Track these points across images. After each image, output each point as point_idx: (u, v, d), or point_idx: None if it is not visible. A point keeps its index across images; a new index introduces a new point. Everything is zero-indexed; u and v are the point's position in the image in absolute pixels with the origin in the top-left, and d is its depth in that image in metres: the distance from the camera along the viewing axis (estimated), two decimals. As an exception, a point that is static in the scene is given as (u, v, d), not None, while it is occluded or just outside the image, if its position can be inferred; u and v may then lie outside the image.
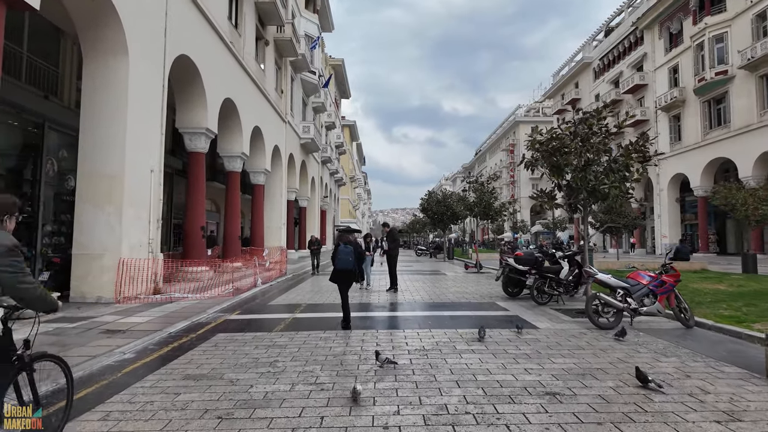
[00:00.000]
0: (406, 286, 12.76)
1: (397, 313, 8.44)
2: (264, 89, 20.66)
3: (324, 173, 42.09)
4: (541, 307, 8.93)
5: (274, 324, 7.34)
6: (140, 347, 5.88)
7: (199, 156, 14.48)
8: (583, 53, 51.24)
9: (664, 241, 37.12)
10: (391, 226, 11.92)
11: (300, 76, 29.54)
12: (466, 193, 18.79)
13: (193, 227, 14.23)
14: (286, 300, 10.13)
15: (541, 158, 8.51)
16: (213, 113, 14.72)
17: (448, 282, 13.93)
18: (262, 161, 21.06)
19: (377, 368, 4.75)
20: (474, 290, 11.74)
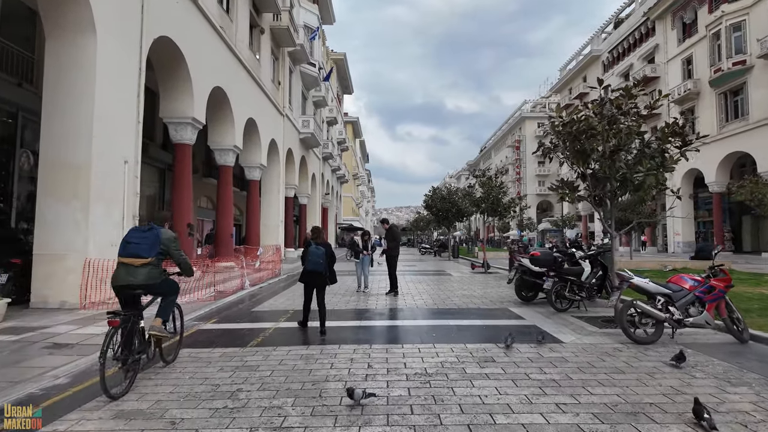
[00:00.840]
0: (407, 288, 11.69)
1: (396, 322, 7.36)
2: (259, 80, 19.62)
3: (325, 170, 41.06)
4: (561, 314, 7.83)
5: (252, 336, 6.29)
6: (83, 367, 4.85)
7: (185, 148, 13.46)
8: (592, 46, 49.88)
9: (677, 239, 35.84)
10: (391, 223, 10.84)
11: (299, 69, 28.48)
12: (472, 188, 17.68)
13: (178, 224, 13.20)
14: (273, 305, 9.08)
15: (562, 144, 7.41)
16: (200, 102, 13.69)
17: (453, 284, 12.85)
18: (257, 156, 20.03)
19: (364, 401, 3.68)
20: (482, 293, 10.65)
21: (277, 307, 8.89)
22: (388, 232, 10.57)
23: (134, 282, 4.37)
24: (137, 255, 4.42)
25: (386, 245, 10.57)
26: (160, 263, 4.61)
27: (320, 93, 33.66)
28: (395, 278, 10.42)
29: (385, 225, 10.78)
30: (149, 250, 4.44)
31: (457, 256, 27.90)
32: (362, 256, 10.76)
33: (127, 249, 4.46)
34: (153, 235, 4.53)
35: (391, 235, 10.54)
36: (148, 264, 4.42)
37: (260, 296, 10.42)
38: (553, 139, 7.68)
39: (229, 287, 10.80)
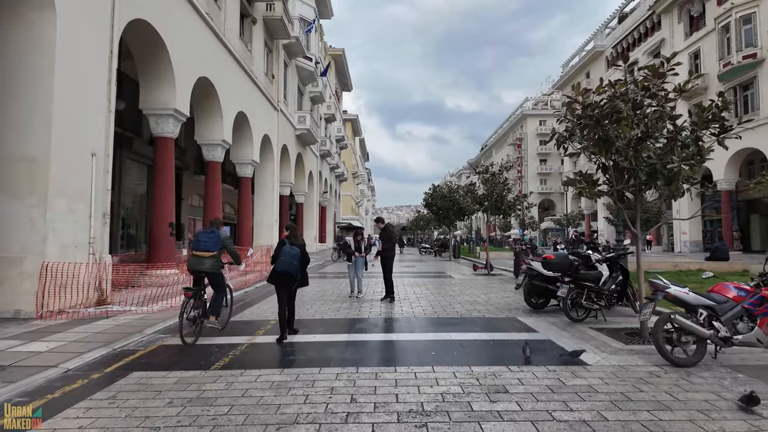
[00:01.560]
0: (405, 293, 10.77)
1: (390, 336, 6.43)
2: (251, 72, 18.69)
3: (323, 168, 40.15)
4: (577, 325, 6.91)
5: (220, 354, 5.38)
6: (1, 399, 3.93)
7: (167, 142, 12.54)
8: (595, 41, 48.88)
9: (684, 238, 34.89)
10: (387, 221, 9.90)
11: (295, 62, 27.54)
12: (474, 186, 16.77)
13: (159, 224, 12.31)
14: (254, 314, 8.17)
15: (580, 130, 6.48)
16: (183, 93, 12.77)
17: (454, 287, 11.93)
18: (249, 151, 19.12)
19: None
20: (487, 299, 9.74)
21: (259, 315, 7.97)
22: (383, 232, 9.65)
23: (202, 269, 6.28)
24: (207, 249, 6.26)
25: (380, 246, 9.66)
26: (220, 255, 6.45)
27: (317, 88, 32.73)
28: (391, 283, 9.51)
29: (379, 224, 9.88)
30: (214, 246, 6.31)
31: (458, 257, 26.98)
32: (355, 258, 9.88)
33: (199, 245, 6.31)
34: (216, 235, 6.41)
35: (386, 234, 9.62)
36: (213, 256, 6.32)
37: (243, 303, 9.50)
38: (569, 125, 6.74)
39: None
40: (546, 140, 68.08)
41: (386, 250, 9.40)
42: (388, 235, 9.58)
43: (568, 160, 56.54)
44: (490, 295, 10.38)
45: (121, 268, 10.32)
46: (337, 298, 9.76)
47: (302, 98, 30.74)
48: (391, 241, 9.55)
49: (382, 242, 9.68)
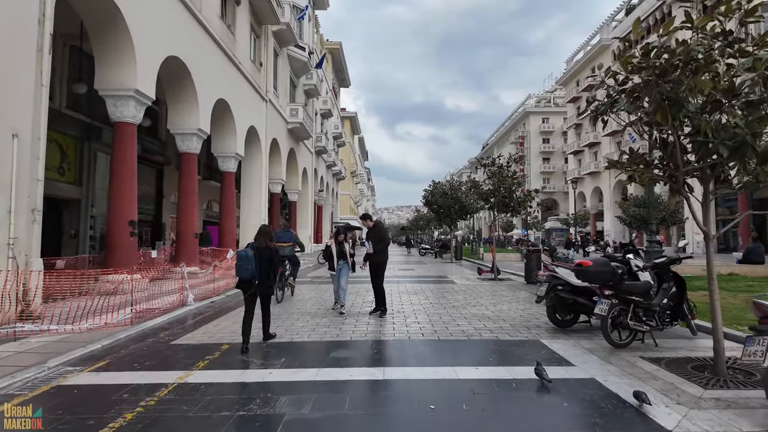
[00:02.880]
0: (400, 303, 9.12)
1: (373, 372, 4.71)
2: (234, 57, 17.06)
3: (319, 165, 38.50)
4: (623, 352, 5.27)
5: (125, 407, 3.72)
6: None
7: (127, 128, 10.89)
8: (601, 35, 47.26)
9: (697, 238, 33.18)
10: (376, 219, 8.21)
11: (287, 52, 25.90)
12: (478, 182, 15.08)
13: (116, 222, 10.67)
14: (207, 333, 6.50)
15: (628, 95, 4.84)
16: (147, 72, 11.14)
17: (458, 295, 10.27)
18: (231, 143, 17.47)
19: None
20: (497, 312, 8.08)
21: (213, 336, 6.31)
22: (371, 231, 8.02)
23: (284, 254, 9.18)
24: (286, 241, 9.85)
25: (370, 247, 7.92)
26: (293, 245, 10.07)
27: (311, 81, 31.07)
28: (383, 293, 7.85)
29: (367, 222, 8.20)
30: (290, 239, 10.10)
31: (459, 258, 25.31)
32: (339, 266, 8.02)
33: (281, 239, 9.65)
34: (290, 233, 10.53)
35: (376, 234, 7.90)
36: (290, 246, 9.84)
37: (203, 316, 7.85)
38: (611, 89, 5.09)
39: (165, 303, 8.23)
40: (548, 138, 66.49)
41: (377, 253, 7.72)
42: (378, 236, 7.87)
43: (573, 158, 54.91)
44: (501, 306, 8.71)
45: (63, 274, 8.66)
46: (317, 311, 8.10)
47: (295, 91, 29.10)
48: (383, 243, 7.88)
49: (372, 243, 7.85)
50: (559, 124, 65.32)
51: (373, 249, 7.85)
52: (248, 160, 20.74)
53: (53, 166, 14.38)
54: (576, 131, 54.26)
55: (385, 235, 7.83)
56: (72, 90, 14.37)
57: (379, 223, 8.17)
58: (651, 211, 11.67)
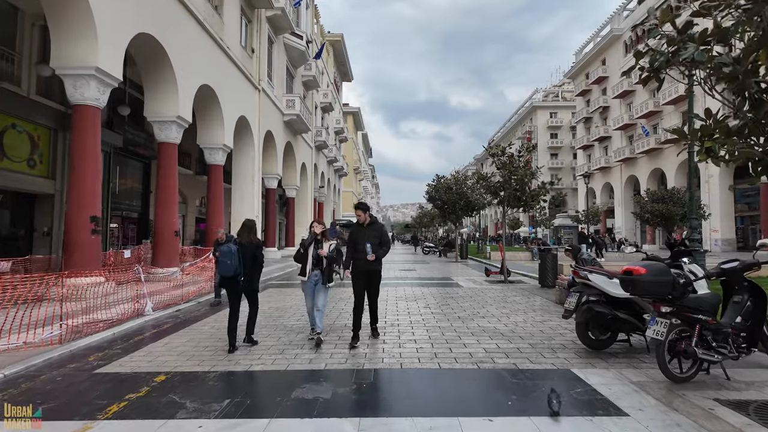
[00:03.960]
0: (396, 314, 7.79)
1: (343, 426, 3.34)
2: (221, 40, 15.76)
3: (320, 160, 37.18)
4: (687, 391, 3.90)
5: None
6: None
7: (88, 111, 9.60)
8: (612, 25, 45.52)
9: (715, 236, 31.62)
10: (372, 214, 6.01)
11: (283, 40, 24.57)
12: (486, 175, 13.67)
13: (77, 218, 9.40)
14: (149, 357, 5.17)
15: (701, 40, 3.48)
16: (110, 49, 9.85)
17: (464, 302, 8.91)
18: (218, 134, 16.18)
19: None
20: (512, 325, 6.72)
21: (154, 360, 4.98)
22: (370, 229, 5.80)
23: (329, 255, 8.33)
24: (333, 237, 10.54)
25: (370, 250, 5.58)
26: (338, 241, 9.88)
27: (310, 72, 29.72)
28: (376, 310, 6.06)
29: (362, 214, 5.83)
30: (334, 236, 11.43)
31: (465, 257, 23.93)
32: (315, 280, 5.70)
33: (330, 235, 9.31)
34: (334, 229, 17.49)
35: (378, 233, 5.80)
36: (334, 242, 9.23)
37: (157, 331, 6.54)
38: (675, 34, 3.72)
39: (117, 313, 6.93)
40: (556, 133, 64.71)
41: (380, 256, 5.73)
42: (381, 236, 5.80)
43: (582, 153, 53.25)
44: (516, 317, 7.34)
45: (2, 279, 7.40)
46: (293, 327, 6.74)
47: (293, 82, 27.77)
48: (388, 246, 5.87)
49: (371, 245, 5.57)
50: (568, 118, 63.61)
51: (374, 253, 5.60)
52: (239, 153, 19.47)
53: (21, 158, 13.16)
54: (585, 125, 52.59)
55: (386, 238, 5.90)
56: (40, 73, 13.12)
57: (376, 221, 5.99)
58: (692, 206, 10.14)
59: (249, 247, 5.55)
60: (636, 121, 40.18)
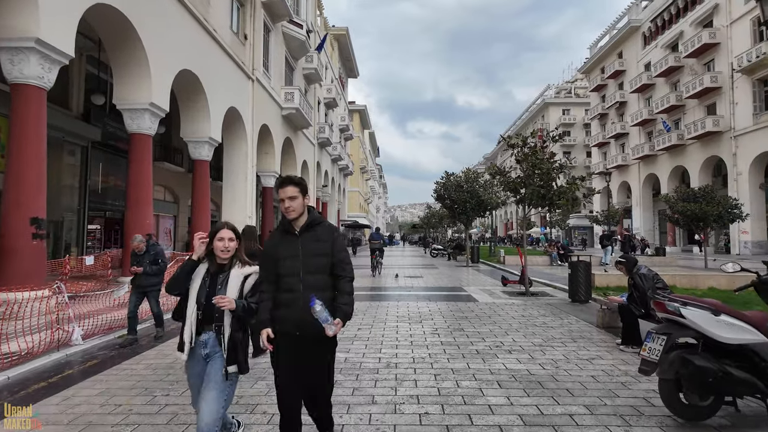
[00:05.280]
0: (396, 344, 6.09)
1: None
2: (205, 21, 14.17)
3: (323, 158, 35.57)
4: None
5: None
6: None
7: (29, 92, 8.00)
8: (629, 16, 43.42)
9: (744, 237, 29.47)
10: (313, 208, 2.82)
11: (281, 28, 22.96)
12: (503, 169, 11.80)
13: (15, 219, 7.81)
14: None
15: None
16: (57, 18, 8.25)
17: (482, 325, 7.18)
18: (204, 126, 14.59)
19: None
20: (551, 365, 5.00)
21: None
22: (306, 239, 2.74)
23: (376, 247, 16.25)
24: (378, 239, 16.89)
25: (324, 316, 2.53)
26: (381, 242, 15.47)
27: (312, 64, 28.09)
28: (329, 423, 2.95)
29: (294, 200, 2.70)
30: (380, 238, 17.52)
31: (477, 261, 22.14)
32: (200, 347, 2.69)
33: (375, 238, 16.88)
34: (381, 234, 18.06)
35: (322, 248, 2.74)
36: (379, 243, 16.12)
37: (76, 371, 4.92)
38: None
39: (28, 345, 5.30)
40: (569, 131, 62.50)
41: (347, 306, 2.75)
42: (327, 253, 2.74)
43: (597, 151, 51.11)
44: (553, 351, 5.58)
45: None
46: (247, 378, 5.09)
47: (293, 74, 26.17)
48: (346, 275, 2.77)
49: (319, 304, 2.51)
50: (581, 115, 61.43)
51: (336, 315, 2.66)
52: (231, 148, 17.90)
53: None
54: (600, 122, 50.47)
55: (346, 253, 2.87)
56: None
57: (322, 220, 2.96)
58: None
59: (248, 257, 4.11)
60: (656, 116, 38.08)
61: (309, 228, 2.75)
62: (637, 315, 5.54)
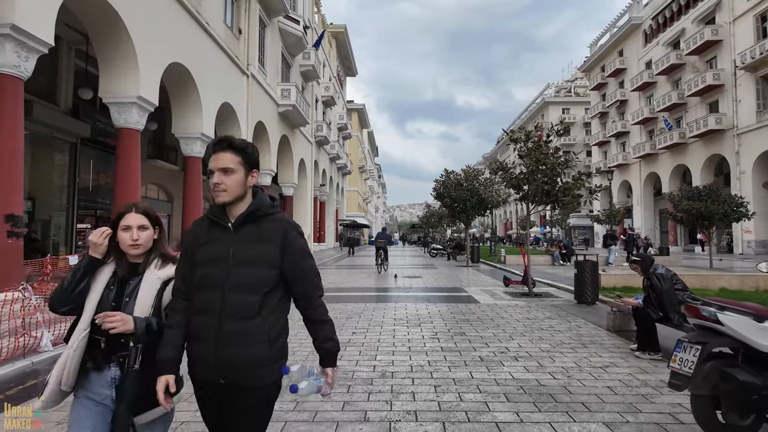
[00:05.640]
0: (392, 350, 5.66)
1: None
2: (197, 14, 13.72)
3: (320, 156, 35.11)
4: None
5: None
6: None
7: (5, 81, 7.53)
8: (630, 14, 43.01)
9: (747, 237, 29.08)
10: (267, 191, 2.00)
11: (277, 24, 22.53)
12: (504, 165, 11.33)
13: (-14, 217, 7.36)
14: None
15: None
16: (35, 6, 7.81)
17: (484, 329, 6.74)
18: (196, 122, 14.15)
19: None
20: (562, 376, 4.56)
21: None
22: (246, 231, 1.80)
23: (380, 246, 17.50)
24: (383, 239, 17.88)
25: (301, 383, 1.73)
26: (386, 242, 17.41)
27: (309, 61, 27.65)
28: None
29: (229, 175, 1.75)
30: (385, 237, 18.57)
31: (477, 261, 21.70)
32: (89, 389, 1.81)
33: (380, 237, 18.02)
34: (386, 233, 19.76)
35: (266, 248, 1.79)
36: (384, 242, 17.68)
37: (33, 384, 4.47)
38: None
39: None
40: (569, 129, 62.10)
41: None
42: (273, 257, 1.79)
43: (598, 150, 50.73)
44: (563, 358, 5.15)
45: None
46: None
47: (290, 71, 25.73)
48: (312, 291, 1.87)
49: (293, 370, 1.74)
50: (581, 114, 61.06)
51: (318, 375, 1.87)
52: (224, 145, 17.43)
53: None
54: (601, 120, 50.09)
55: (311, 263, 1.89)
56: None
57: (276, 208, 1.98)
58: None
59: None
60: (657, 115, 37.68)
61: (250, 220, 1.80)
62: (655, 319, 5.10)
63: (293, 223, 1.91)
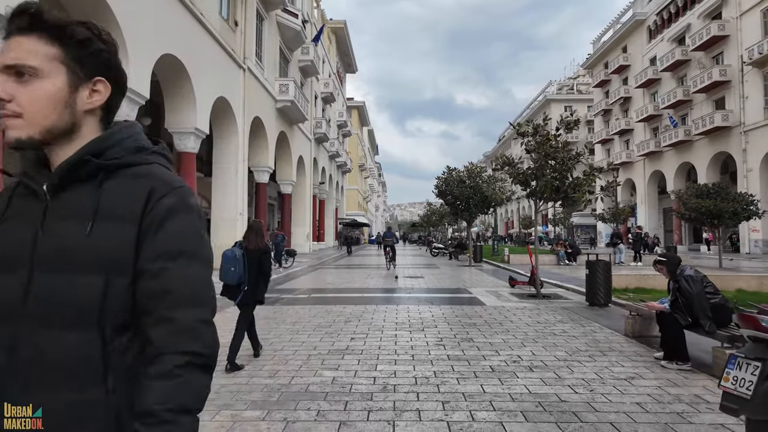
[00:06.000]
0: (395, 359, 5.19)
1: None
2: (191, 4, 13.23)
3: (320, 154, 34.63)
4: None
5: None
6: None
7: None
8: (634, 9, 42.46)
9: (754, 236, 28.57)
10: None
11: (275, 17, 22.03)
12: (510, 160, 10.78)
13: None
14: None
15: None
16: None
17: (493, 334, 6.27)
18: (189, 116, 13.67)
19: None
20: (584, 390, 4.10)
21: None
22: None
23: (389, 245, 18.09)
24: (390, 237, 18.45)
25: None
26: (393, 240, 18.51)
27: (308, 56, 27.15)
28: None
29: None
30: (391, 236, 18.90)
31: (480, 261, 21.22)
32: None
33: (387, 236, 18.71)
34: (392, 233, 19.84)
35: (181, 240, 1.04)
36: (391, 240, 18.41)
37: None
38: None
39: None
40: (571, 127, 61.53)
41: None
42: None
43: (601, 148, 50.22)
44: (582, 368, 4.68)
45: None
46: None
47: (288, 66, 25.25)
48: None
49: None
50: (583, 112, 60.44)
51: None
52: (220, 141, 16.99)
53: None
54: (604, 118, 49.60)
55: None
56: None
57: None
58: None
59: (255, 253, 4.84)
60: (662, 112, 37.16)
61: (80, 176, 0.89)
62: (683, 325, 4.63)
63: (172, 183, 0.92)
